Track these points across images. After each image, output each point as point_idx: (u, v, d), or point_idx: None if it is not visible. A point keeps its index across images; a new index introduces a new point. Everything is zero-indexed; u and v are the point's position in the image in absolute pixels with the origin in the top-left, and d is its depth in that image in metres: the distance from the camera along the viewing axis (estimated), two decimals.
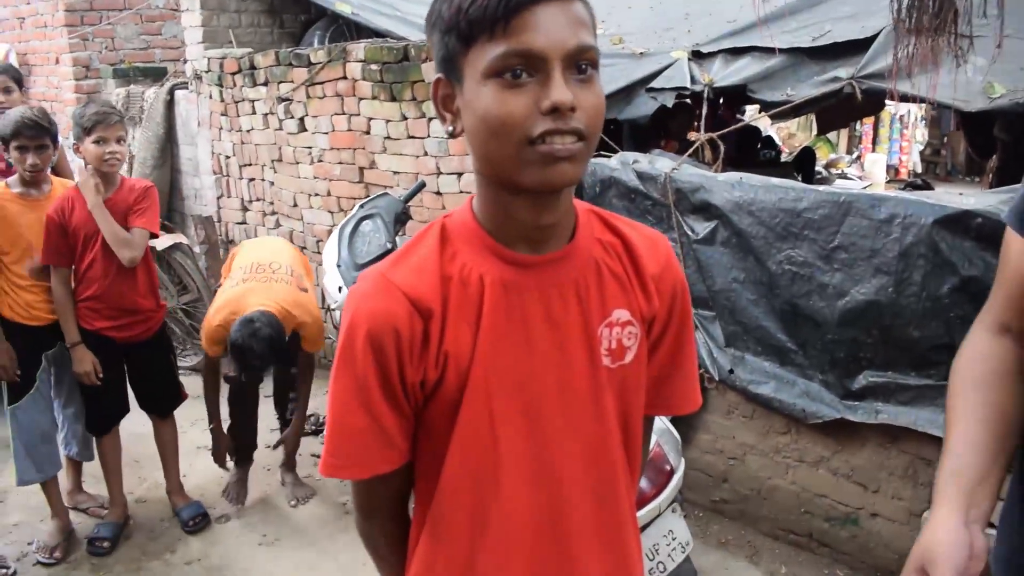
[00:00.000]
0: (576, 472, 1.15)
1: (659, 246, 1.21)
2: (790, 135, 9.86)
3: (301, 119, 4.88)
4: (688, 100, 5.99)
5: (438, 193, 4.19)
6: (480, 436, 1.11)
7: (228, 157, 5.58)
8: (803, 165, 6.50)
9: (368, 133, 4.49)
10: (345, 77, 4.52)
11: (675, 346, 1.23)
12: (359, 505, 1.25)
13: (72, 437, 3.59)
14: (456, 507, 1.15)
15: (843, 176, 8.93)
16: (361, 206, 3.58)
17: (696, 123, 4.96)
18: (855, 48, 4.01)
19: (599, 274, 1.14)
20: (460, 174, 4.09)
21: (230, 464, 3.82)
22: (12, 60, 7.60)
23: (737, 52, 4.34)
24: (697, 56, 4.45)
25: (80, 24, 6.84)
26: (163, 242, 5.30)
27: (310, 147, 4.86)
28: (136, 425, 3.68)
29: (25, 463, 3.37)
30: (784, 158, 7.19)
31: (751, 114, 7.12)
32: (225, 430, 3.72)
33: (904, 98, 3.49)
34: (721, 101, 6.23)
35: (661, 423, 2.74)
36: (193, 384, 3.87)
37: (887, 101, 4.69)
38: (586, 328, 1.13)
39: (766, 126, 9.19)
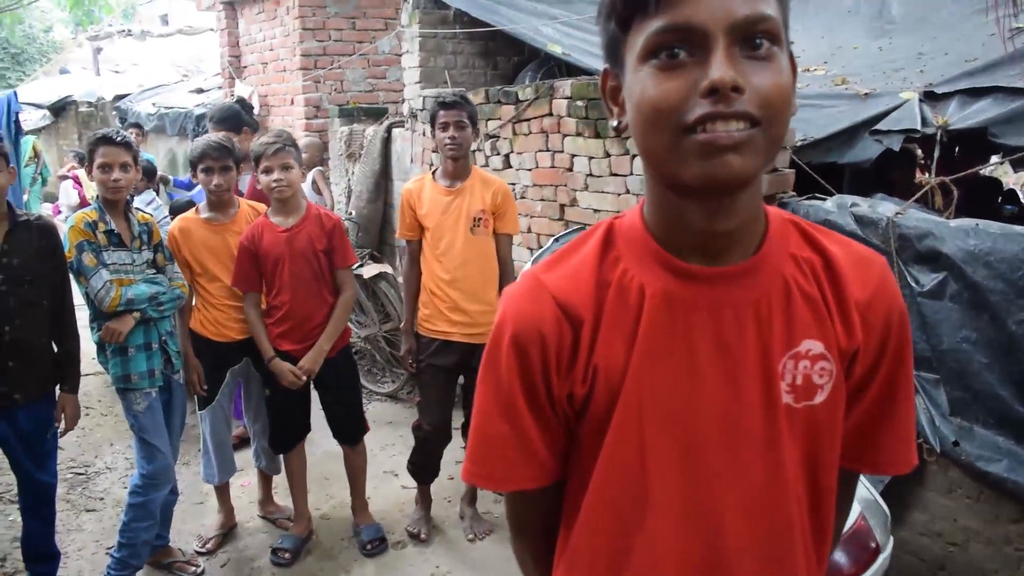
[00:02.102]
0: (740, 525, 0.97)
1: (873, 267, 1.00)
2: None
3: (506, 156, 4.92)
4: (916, 150, 5.54)
5: None
6: (627, 465, 0.98)
7: None
8: None
9: (571, 170, 4.45)
10: (551, 114, 4.52)
11: (887, 390, 1.02)
12: (509, 519, 1.17)
13: (260, 451, 3.77)
14: (594, 542, 1.02)
15: None
16: (556, 240, 3.53)
17: (924, 173, 4.56)
18: None
19: (788, 296, 0.96)
20: None
21: (413, 487, 3.81)
22: (255, 101, 8.32)
23: (977, 93, 3.96)
24: (930, 97, 4.10)
25: (313, 68, 7.38)
26: (370, 271, 5.52)
27: (514, 183, 4.89)
28: (332, 444, 3.77)
29: (207, 466, 3.66)
30: None
31: (995, 165, 6.48)
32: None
33: None
34: (957, 151, 5.73)
35: (868, 493, 2.44)
36: (390, 411, 3.90)
37: None
38: (764, 358, 0.95)
39: (1010, 181, 8.39)
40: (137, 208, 3.39)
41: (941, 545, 3.04)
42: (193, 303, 3.55)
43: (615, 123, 0.97)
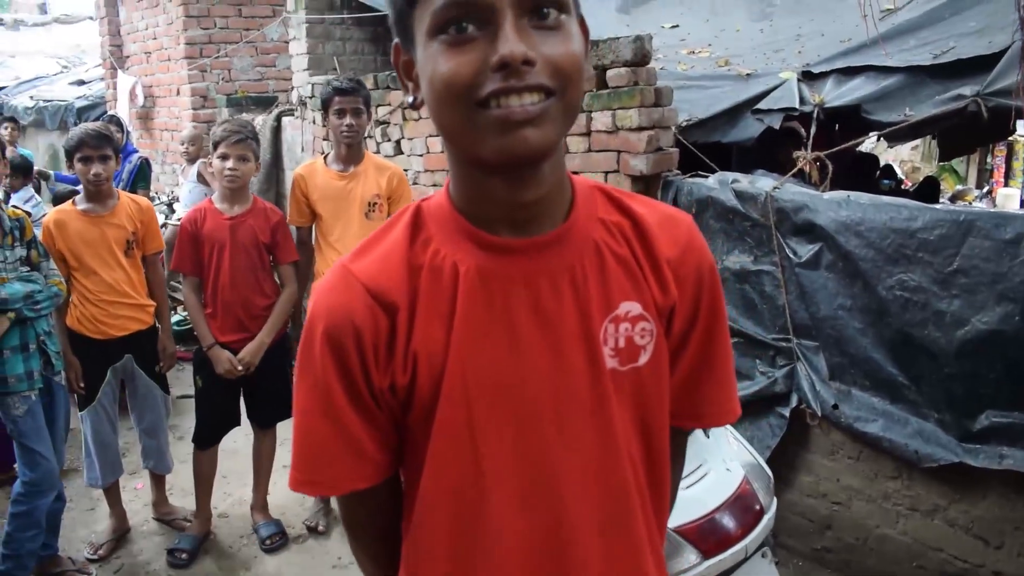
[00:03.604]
0: (579, 493, 0.97)
1: (679, 225, 1.01)
2: (914, 168, 9.35)
3: (398, 142, 4.88)
4: (799, 128, 5.74)
5: None
6: (459, 447, 0.95)
7: None
8: (925, 196, 6.10)
9: None
10: None
11: (704, 344, 1.03)
12: (343, 520, 1.11)
13: (149, 451, 3.63)
14: (434, 529, 0.99)
15: None
16: None
17: (805, 149, 4.73)
18: (982, 65, 3.73)
19: (601, 260, 0.96)
20: None
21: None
22: (139, 92, 8.02)
23: (851, 72, 4.13)
24: (808, 77, 4.26)
25: (199, 56, 7.13)
26: None
27: (406, 169, 4.85)
28: (228, 441, 3.67)
29: (90, 469, 3.49)
30: (906, 189, 6.80)
31: (872, 141, 6.78)
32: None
33: None
34: (837, 128, 5.96)
35: (752, 458, 2.53)
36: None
37: (1020, 129, 4.36)
38: (585, 324, 0.95)
39: (887, 159, 8.77)
40: (14, 206, 3.22)
41: (826, 505, 3.18)
42: (70, 299, 3.39)
43: (411, 99, 0.95)
